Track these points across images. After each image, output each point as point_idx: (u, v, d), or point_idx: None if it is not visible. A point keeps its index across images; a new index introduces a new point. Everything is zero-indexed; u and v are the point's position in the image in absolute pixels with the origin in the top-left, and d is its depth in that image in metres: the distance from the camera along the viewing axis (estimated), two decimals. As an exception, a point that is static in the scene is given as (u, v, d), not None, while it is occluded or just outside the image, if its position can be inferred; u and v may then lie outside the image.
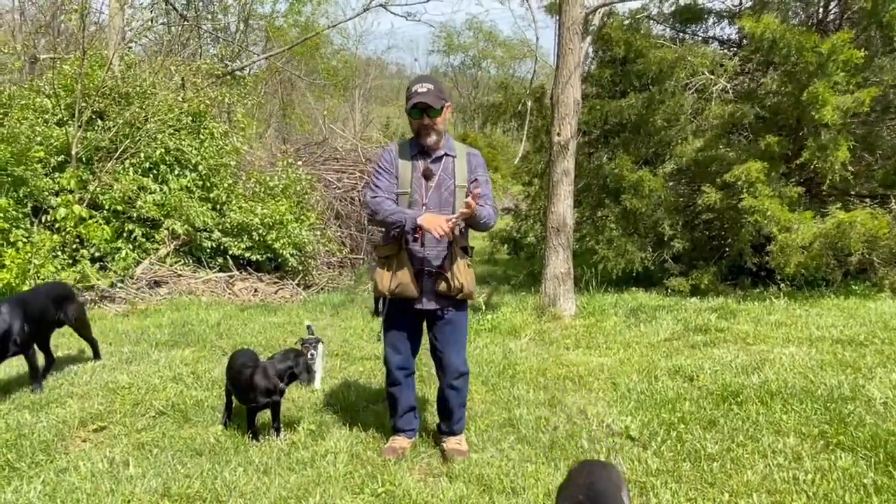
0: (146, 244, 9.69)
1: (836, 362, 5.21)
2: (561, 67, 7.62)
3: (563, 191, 7.68)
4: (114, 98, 10.14)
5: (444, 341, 3.90)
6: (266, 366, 4.11)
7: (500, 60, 47.09)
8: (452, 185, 3.77)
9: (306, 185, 12.00)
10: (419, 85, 3.72)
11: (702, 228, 9.96)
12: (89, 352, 6.06)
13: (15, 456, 3.83)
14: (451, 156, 3.82)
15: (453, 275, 3.72)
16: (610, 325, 7.11)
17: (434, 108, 3.69)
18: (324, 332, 7.11)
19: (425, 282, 3.77)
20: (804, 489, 3.27)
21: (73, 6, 10.74)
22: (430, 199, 3.75)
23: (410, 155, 3.81)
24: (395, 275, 3.72)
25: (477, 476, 3.54)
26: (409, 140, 3.89)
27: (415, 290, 3.74)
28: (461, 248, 3.81)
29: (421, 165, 3.78)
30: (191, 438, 4.13)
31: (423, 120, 3.71)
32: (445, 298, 3.80)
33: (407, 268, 3.72)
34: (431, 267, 3.75)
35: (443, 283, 3.74)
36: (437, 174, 3.77)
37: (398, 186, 3.77)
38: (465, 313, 3.97)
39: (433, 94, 3.68)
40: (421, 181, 3.77)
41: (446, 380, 3.95)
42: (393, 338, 3.93)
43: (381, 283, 3.78)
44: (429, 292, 3.79)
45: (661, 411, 4.37)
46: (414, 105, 3.69)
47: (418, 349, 4.05)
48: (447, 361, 3.91)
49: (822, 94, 7.77)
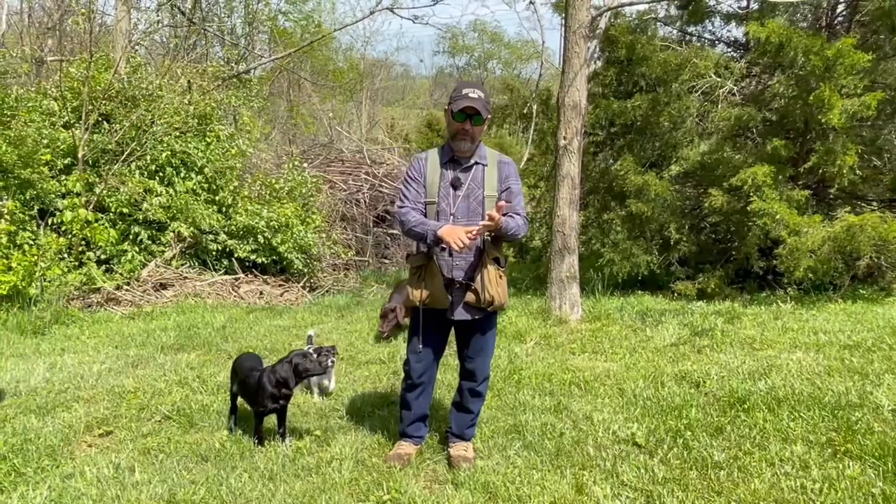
0: (152, 247, 9.72)
1: (844, 368, 5.18)
2: (567, 71, 7.60)
3: (568, 193, 7.65)
4: (120, 101, 10.18)
5: (474, 349, 3.89)
6: (275, 369, 4.11)
7: (506, 61, 47.02)
8: (481, 194, 3.72)
9: (312, 187, 12.03)
10: (471, 90, 3.66)
11: (708, 232, 9.91)
12: (96, 356, 6.09)
13: (21, 461, 3.84)
14: (482, 164, 3.76)
15: (484, 287, 3.66)
16: (616, 329, 7.08)
17: (480, 117, 3.64)
18: (329, 336, 7.11)
19: (455, 293, 3.73)
20: (812, 498, 3.24)
21: (80, 9, 10.77)
22: (458, 209, 3.71)
23: (441, 163, 3.76)
24: (426, 285, 3.69)
25: (483, 483, 3.53)
26: (442, 146, 3.85)
27: (446, 300, 3.70)
28: (493, 259, 3.73)
29: (450, 174, 3.73)
30: (196, 444, 4.13)
31: (466, 125, 3.64)
32: (476, 309, 3.75)
33: (437, 279, 3.68)
34: (461, 278, 3.72)
35: (472, 296, 3.70)
36: (465, 183, 3.71)
37: (426, 196, 3.73)
38: (494, 321, 3.95)
39: (482, 103, 3.64)
40: (449, 190, 3.71)
41: (471, 384, 3.94)
42: (419, 345, 3.87)
43: (412, 294, 3.73)
44: (459, 303, 3.75)
45: (668, 418, 4.35)
46: (462, 108, 3.62)
47: (441, 357, 4.04)
48: (474, 367, 3.91)
49: (828, 97, 7.73)
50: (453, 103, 3.67)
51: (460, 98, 3.63)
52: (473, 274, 3.70)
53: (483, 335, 3.88)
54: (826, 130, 8.13)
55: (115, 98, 10.10)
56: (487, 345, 3.93)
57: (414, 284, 3.74)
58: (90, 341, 6.82)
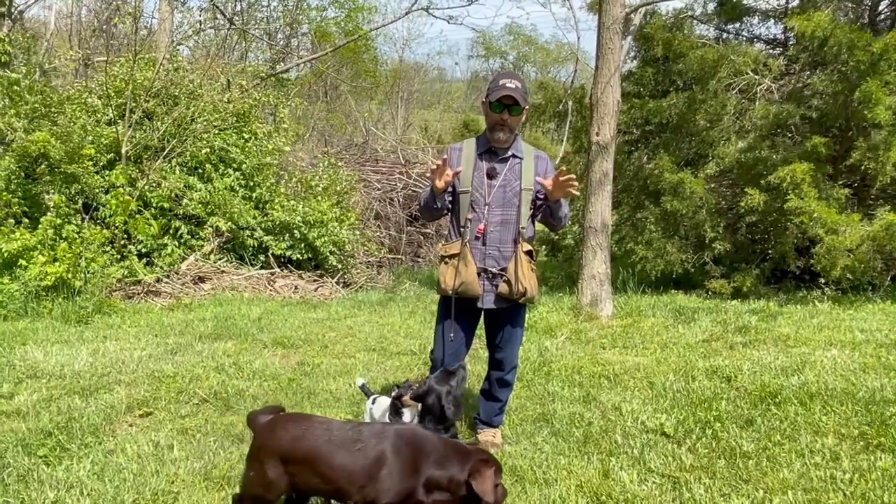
0: (191, 241, 9.96)
1: (880, 366, 5.10)
2: (600, 67, 7.60)
3: (602, 191, 7.65)
4: (162, 99, 10.45)
5: (504, 339, 3.93)
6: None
7: (541, 64, 46.86)
8: (518, 185, 3.74)
9: (347, 185, 12.18)
10: (508, 80, 3.68)
11: (744, 231, 9.81)
12: (137, 343, 6.29)
13: (66, 437, 3.99)
14: (519, 157, 3.78)
15: (517, 279, 3.67)
16: (647, 325, 7.06)
17: (517, 107, 3.66)
18: (362, 329, 7.21)
19: (487, 282, 3.77)
20: (841, 488, 3.22)
21: (126, 9, 11.09)
22: (493, 199, 3.73)
23: (477, 153, 3.78)
24: (459, 273, 3.70)
25: (510, 467, 3.57)
26: (479, 137, 3.88)
27: (478, 288, 3.72)
28: (525, 251, 3.74)
29: (485, 165, 3.76)
30: (232, 425, 4.24)
31: (504, 115, 3.66)
32: (506, 300, 3.76)
33: (471, 267, 3.70)
34: (494, 267, 3.75)
35: (504, 286, 3.72)
36: (501, 174, 3.74)
37: (459, 185, 3.77)
38: (524, 312, 3.99)
39: (520, 93, 3.65)
40: (483, 179, 3.74)
41: (499, 374, 3.99)
42: (447, 333, 3.86)
43: (444, 281, 3.75)
44: (491, 292, 3.78)
45: (697, 410, 4.34)
46: (499, 98, 3.63)
47: (470, 347, 4.06)
48: (503, 356, 3.95)
49: (874, 92, 7.61)
50: (491, 94, 3.69)
51: (498, 88, 3.65)
52: (507, 264, 3.73)
53: (512, 326, 3.92)
54: (867, 127, 8.00)
55: (158, 96, 10.38)
56: (516, 335, 3.96)
57: (447, 272, 3.77)
58: (131, 330, 7.02)
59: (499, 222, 3.74)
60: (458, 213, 3.78)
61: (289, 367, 5.68)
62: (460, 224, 3.77)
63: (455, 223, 3.82)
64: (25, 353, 5.81)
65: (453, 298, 3.77)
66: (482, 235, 3.71)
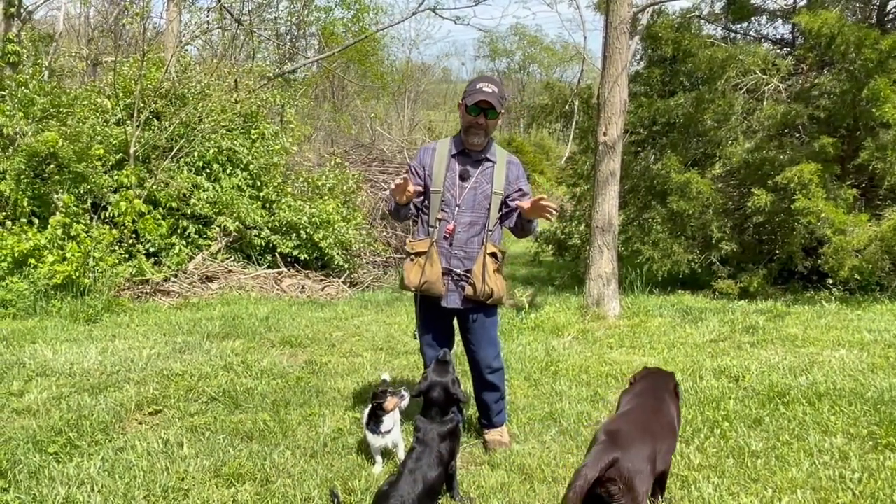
0: (199, 240, 10.00)
1: (888, 366, 5.09)
2: (608, 67, 7.60)
3: (608, 191, 7.64)
4: (170, 99, 10.49)
5: (475, 340, 3.93)
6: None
7: (547, 65, 46.87)
8: (489, 189, 3.77)
9: (353, 184, 12.21)
10: (485, 84, 3.70)
11: (751, 231, 9.79)
12: (145, 342, 6.32)
13: (76, 434, 4.02)
14: (492, 161, 3.81)
15: (483, 280, 3.70)
16: (655, 325, 7.05)
17: (493, 111, 3.69)
18: (369, 328, 7.23)
19: (451, 282, 3.79)
20: (850, 487, 3.22)
21: (134, 10, 11.14)
22: (464, 200, 3.77)
23: (450, 154, 3.81)
24: (424, 271, 3.73)
25: (518, 465, 3.59)
26: (454, 137, 3.91)
27: (441, 288, 3.75)
28: (490, 253, 3.75)
29: (458, 166, 3.79)
30: (241, 423, 4.26)
31: (479, 119, 3.70)
32: (472, 301, 3.78)
33: (436, 266, 3.74)
34: (459, 268, 3.77)
35: (470, 288, 3.74)
36: (474, 176, 3.77)
37: (432, 185, 3.79)
38: (493, 312, 3.97)
39: (497, 97, 3.67)
40: (455, 181, 3.78)
41: (479, 376, 3.99)
42: (427, 333, 3.96)
43: (408, 278, 3.79)
44: (455, 292, 3.80)
45: (705, 409, 4.34)
46: (476, 102, 3.66)
47: (453, 344, 4.09)
48: (478, 358, 3.95)
49: (883, 90, 7.59)
50: (468, 97, 3.72)
51: (475, 92, 3.68)
52: (472, 266, 3.75)
53: (483, 327, 3.91)
54: (875, 127, 7.97)
55: (166, 96, 10.42)
56: (488, 335, 3.94)
57: (411, 269, 3.79)
58: (140, 328, 7.05)
59: (468, 223, 3.77)
60: (429, 212, 3.81)
61: (296, 365, 5.70)
62: (430, 223, 3.80)
63: (424, 221, 3.85)
64: (35, 352, 5.85)
65: (417, 296, 3.84)
66: (450, 236, 3.75)
